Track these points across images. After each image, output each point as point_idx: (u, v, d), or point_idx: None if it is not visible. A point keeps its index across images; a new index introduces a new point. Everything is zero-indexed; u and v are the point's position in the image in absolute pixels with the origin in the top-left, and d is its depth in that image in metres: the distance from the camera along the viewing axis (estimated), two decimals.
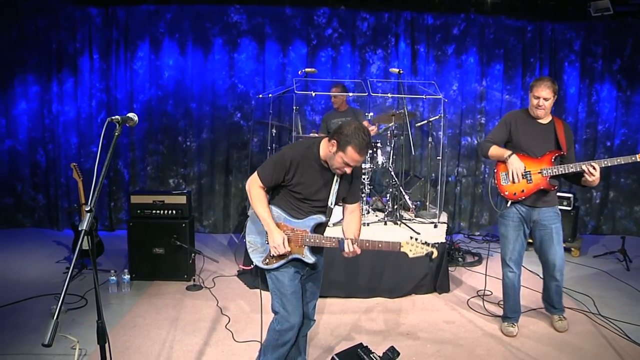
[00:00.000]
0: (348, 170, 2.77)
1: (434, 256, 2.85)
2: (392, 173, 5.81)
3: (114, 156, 7.11)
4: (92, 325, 4.22)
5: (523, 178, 3.88)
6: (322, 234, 2.98)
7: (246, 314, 4.58)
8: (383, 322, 4.45)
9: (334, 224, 5.36)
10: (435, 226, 5.43)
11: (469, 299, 4.94)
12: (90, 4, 6.80)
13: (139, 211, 5.33)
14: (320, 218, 2.89)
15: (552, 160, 3.86)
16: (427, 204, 5.80)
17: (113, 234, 7.11)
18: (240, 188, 7.26)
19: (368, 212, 5.90)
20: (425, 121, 5.96)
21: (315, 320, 3.29)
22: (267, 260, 2.91)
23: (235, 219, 7.40)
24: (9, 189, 7.23)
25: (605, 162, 3.63)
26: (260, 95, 6.54)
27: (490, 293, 5.04)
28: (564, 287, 5.06)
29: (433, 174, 6.91)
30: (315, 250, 2.93)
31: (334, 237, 2.86)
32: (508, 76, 7.26)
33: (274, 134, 6.30)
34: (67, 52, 6.96)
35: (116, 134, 2.35)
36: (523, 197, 3.93)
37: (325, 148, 2.81)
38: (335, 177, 2.90)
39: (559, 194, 6.40)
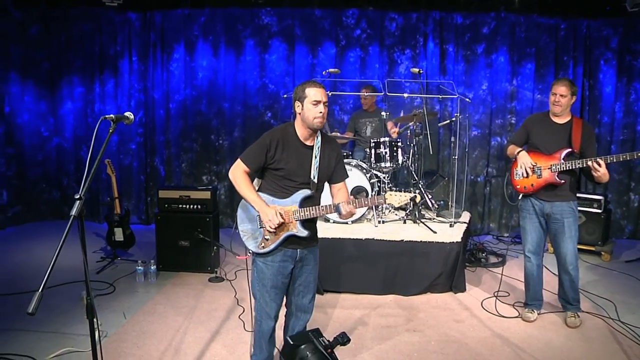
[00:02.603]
0: (324, 109, 2.92)
1: (417, 199, 2.99)
2: (413, 172, 5.85)
3: (151, 153, 7.53)
4: (115, 310, 4.59)
5: (533, 173, 4.14)
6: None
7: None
8: (392, 319, 4.51)
9: (352, 222, 5.48)
10: (451, 225, 5.43)
11: (483, 300, 4.92)
12: (129, 9, 7.19)
13: (166, 205, 5.62)
14: (306, 192, 2.99)
15: (562, 157, 4.06)
16: (449, 203, 5.79)
17: (148, 227, 7.46)
18: None
19: (389, 211, 5.97)
20: (448, 121, 5.95)
21: (311, 315, 3.33)
22: (263, 244, 3.02)
23: None
24: (56, 183, 7.76)
25: (611, 158, 3.83)
26: (285, 96, 6.72)
27: (507, 294, 5.01)
28: (586, 291, 5.02)
29: (461, 174, 6.89)
30: (307, 224, 3.03)
31: (325, 205, 2.99)
32: (540, 75, 7.11)
33: None
34: (108, 55, 7.40)
35: (110, 131, 2.56)
36: (532, 191, 4.20)
37: (299, 120, 3.00)
38: (314, 153, 3.02)
39: (589, 196, 6.31)
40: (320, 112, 2.91)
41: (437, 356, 3.86)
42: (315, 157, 3.02)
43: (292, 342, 2.08)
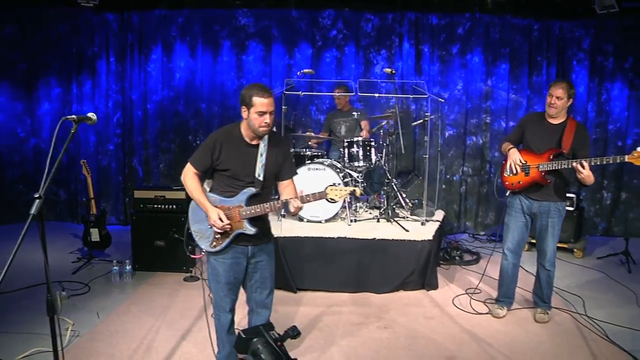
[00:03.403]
0: (270, 119, 2.95)
1: (357, 194, 3.07)
2: (387, 171, 5.93)
3: (129, 154, 7.54)
4: (90, 310, 4.61)
5: (522, 171, 4.21)
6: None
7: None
8: (363, 316, 4.57)
9: (326, 220, 5.53)
10: (423, 224, 5.51)
11: (455, 297, 4.99)
12: (107, 10, 7.18)
13: (142, 206, 5.64)
14: (251, 190, 3.05)
15: (551, 157, 4.13)
16: (423, 202, 5.87)
17: (127, 228, 7.42)
18: None
19: (363, 210, 6.04)
20: (421, 121, 6.03)
21: (271, 310, 3.42)
22: (214, 242, 3.09)
23: None
24: (34, 185, 7.72)
25: (595, 161, 3.84)
26: None
27: (479, 292, 5.09)
28: (557, 287, 5.09)
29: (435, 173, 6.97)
30: (254, 222, 3.09)
31: (270, 203, 3.04)
32: (514, 75, 7.23)
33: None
34: (86, 56, 7.39)
35: (72, 131, 2.60)
36: (519, 188, 4.29)
37: (244, 123, 3.03)
38: (259, 152, 3.07)
39: None
40: (266, 122, 2.95)
41: (405, 352, 3.93)
42: (261, 156, 3.07)
43: (244, 336, 2.14)
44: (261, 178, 3.07)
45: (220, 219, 2.97)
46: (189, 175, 3.11)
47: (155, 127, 7.52)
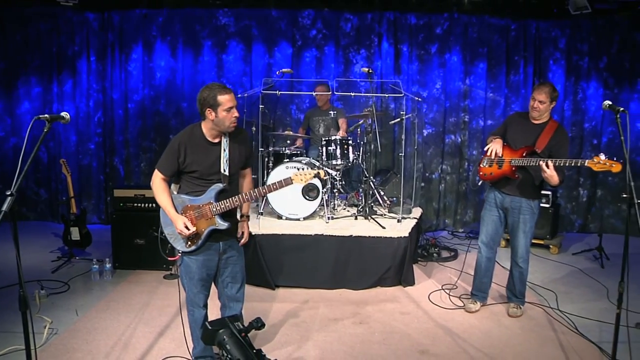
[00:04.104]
0: (236, 114, 3.06)
1: (322, 176, 3.18)
2: (364, 170, 6.01)
3: (110, 153, 7.55)
4: (69, 308, 4.64)
5: (496, 163, 4.35)
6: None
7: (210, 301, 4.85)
8: (340, 312, 4.64)
9: (304, 218, 5.60)
10: (399, 221, 5.60)
11: (431, 293, 5.08)
12: (87, 10, 7.18)
13: (121, 204, 5.67)
14: (218, 186, 3.12)
15: (524, 154, 4.24)
16: (401, 199, 5.96)
17: (108, 227, 7.44)
18: None
19: (342, 207, 6.12)
20: (398, 119, 6.11)
21: (242, 302, 3.50)
22: (189, 242, 3.15)
23: None
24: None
25: (559, 162, 3.91)
26: (239, 95, 6.79)
27: (455, 287, 5.18)
28: (531, 282, 5.19)
29: (415, 172, 7.07)
30: (226, 216, 3.17)
31: (238, 195, 3.13)
32: (492, 74, 7.34)
33: (253, 132, 6.54)
34: (66, 55, 7.38)
35: (45, 130, 2.65)
36: (490, 180, 4.46)
37: (208, 124, 3.09)
38: (222, 147, 3.14)
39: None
40: (235, 117, 3.05)
41: (380, 346, 4.00)
42: (225, 151, 3.14)
43: (210, 328, 2.21)
44: (227, 173, 3.14)
45: (187, 227, 3.05)
46: (156, 182, 3.19)
47: (137, 126, 7.53)
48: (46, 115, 2.65)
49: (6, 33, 7.35)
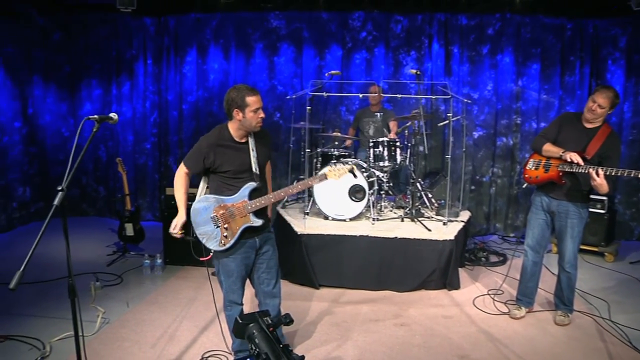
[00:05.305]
0: (262, 114, 3.17)
1: (355, 171, 3.32)
2: (412, 172, 5.97)
3: (165, 153, 7.84)
4: (121, 300, 4.87)
5: (542, 167, 4.24)
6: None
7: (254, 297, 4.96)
8: (382, 313, 4.64)
9: (350, 219, 5.62)
10: (445, 224, 5.52)
11: (476, 297, 5.00)
12: (145, 15, 7.50)
13: (173, 202, 5.83)
14: (252, 184, 3.22)
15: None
16: (449, 202, 5.87)
17: (161, 224, 7.73)
18: (279, 185, 7.65)
19: (389, 209, 6.09)
20: (446, 121, 6.03)
21: (280, 298, 3.58)
22: (222, 241, 3.23)
23: (274, 212, 7.81)
24: (75, 181, 8.12)
25: (611, 171, 3.75)
26: (288, 97, 6.91)
27: (502, 292, 5.07)
28: (581, 290, 5.02)
29: (465, 174, 6.97)
30: (259, 214, 3.26)
31: (273, 193, 3.23)
32: (545, 75, 7.12)
33: (302, 134, 6.65)
34: (124, 59, 7.75)
35: (94, 130, 2.80)
36: (535, 183, 4.34)
37: (235, 124, 3.19)
38: (250, 147, 3.25)
39: (592, 196, 6.25)
40: (261, 117, 3.17)
41: (419, 349, 3.98)
42: (253, 151, 3.25)
43: (240, 322, 2.29)
44: (257, 171, 3.25)
45: (174, 228, 3.30)
46: (179, 175, 3.39)
47: (190, 127, 7.78)
48: (95, 116, 2.81)
49: (71, 39, 7.79)
